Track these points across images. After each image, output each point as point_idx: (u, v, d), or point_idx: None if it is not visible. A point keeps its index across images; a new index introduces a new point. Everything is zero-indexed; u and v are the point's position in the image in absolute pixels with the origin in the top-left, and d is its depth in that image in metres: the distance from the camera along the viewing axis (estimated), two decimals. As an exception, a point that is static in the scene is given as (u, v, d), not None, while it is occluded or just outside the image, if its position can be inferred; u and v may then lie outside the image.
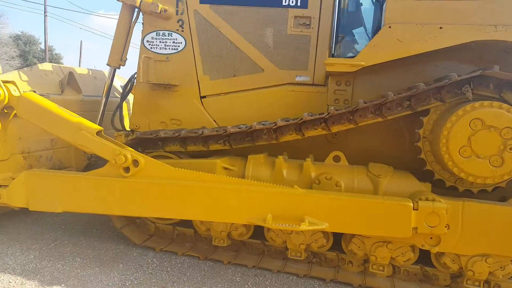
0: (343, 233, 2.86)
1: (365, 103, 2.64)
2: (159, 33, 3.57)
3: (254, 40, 3.46)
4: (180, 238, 3.37)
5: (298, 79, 3.44)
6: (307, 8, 3.35)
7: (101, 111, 3.79)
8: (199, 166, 3.09)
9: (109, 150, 2.85)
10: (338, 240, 2.92)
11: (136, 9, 3.61)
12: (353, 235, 2.80)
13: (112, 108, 3.93)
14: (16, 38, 24.45)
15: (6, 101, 2.92)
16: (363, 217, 2.54)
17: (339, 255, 2.97)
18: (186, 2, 3.49)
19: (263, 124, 3.03)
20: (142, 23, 3.64)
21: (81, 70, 4.26)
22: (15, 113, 3.07)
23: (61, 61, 27.28)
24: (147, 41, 3.59)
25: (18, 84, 3.04)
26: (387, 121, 2.75)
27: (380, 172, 2.79)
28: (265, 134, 3.04)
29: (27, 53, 24.47)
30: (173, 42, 3.57)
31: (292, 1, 3.38)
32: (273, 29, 3.43)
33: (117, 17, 3.63)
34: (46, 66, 3.79)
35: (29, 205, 3.02)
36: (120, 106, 3.89)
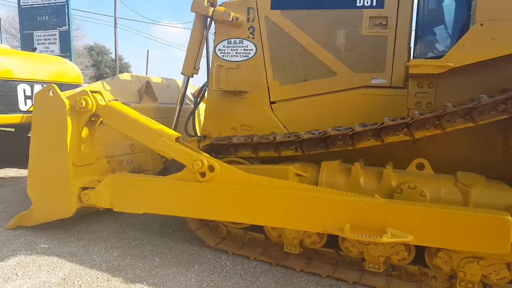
0: (426, 246, 2.68)
1: (454, 106, 2.45)
2: (231, 41, 3.64)
3: (326, 43, 3.38)
4: (251, 242, 3.39)
5: (374, 81, 3.30)
6: (383, 7, 3.20)
7: (175, 117, 3.95)
8: (271, 172, 3.08)
9: (187, 156, 2.95)
10: (420, 252, 2.74)
11: (209, 19, 3.73)
12: (439, 249, 2.60)
13: (185, 115, 4.09)
14: (90, 49, 26.71)
15: (94, 109, 3.14)
16: (453, 231, 2.35)
17: (422, 269, 2.78)
18: (257, 9, 3.52)
19: (338, 130, 2.95)
20: (214, 33, 3.74)
21: (156, 79, 4.49)
22: (101, 120, 3.30)
23: (129, 69, 29.32)
24: (219, 49, 3.68)
25: (103, 93, 3.26)
26: (477, 126, 2.53)
27: (471, 182, 2.57)
28: (340, 140, 2.95)
29: (99, 62, 26.62)
30: (244, 49, 3.61)
31: (367, 2, 3.26)
32: (347, 31, 3.33)
33: (179, 26, 3.79)
34: (126, 76, 4.05)
35: (113, 206, 3.22)
36: (193, 113, 4.03)
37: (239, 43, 3.62)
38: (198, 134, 4.04)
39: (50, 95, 3.16)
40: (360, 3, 3.28)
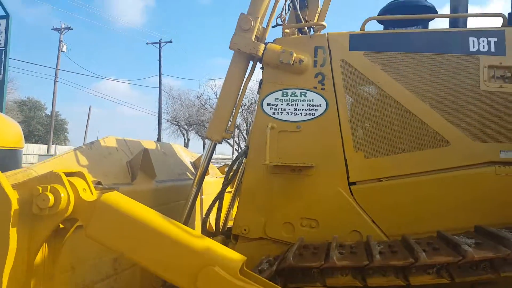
0: None
1: None
2: (287, 92, 2.44)
3: (433, 100, 2.41)
4: None
5: (503, 155, 2.29)
6: (505, 55, 2.34)
7: (189, 204, 2.50)
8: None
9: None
10: None
11: (252, 61, 2.53)
12: None
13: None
14: (21, 104, 23.78)
15: (70, 211, 1.58)
16: None
17: None
18: (330, 50, 2.43)
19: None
20: (260, 80, 2.52)
21: (148, 143, 3.00)
22: (74, 228, 1.74)
23: (66, 126, 26.43)
24: (268, 104, 2.45)
25: (87, 177, 1.74)
26: None
27: None
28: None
29: (31, 118, 23.70)
30: (308, 105, 2.43)
31: (483, 46, 2.37)
32: (461, 84, 2.39)
33: (127, 82, 2.53)
34: (110, 141, 2.52)
35: None
36: (220, 197, 2.60)
37: (300, 96, 2.43)
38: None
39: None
40: (473, 47, 2.41)
